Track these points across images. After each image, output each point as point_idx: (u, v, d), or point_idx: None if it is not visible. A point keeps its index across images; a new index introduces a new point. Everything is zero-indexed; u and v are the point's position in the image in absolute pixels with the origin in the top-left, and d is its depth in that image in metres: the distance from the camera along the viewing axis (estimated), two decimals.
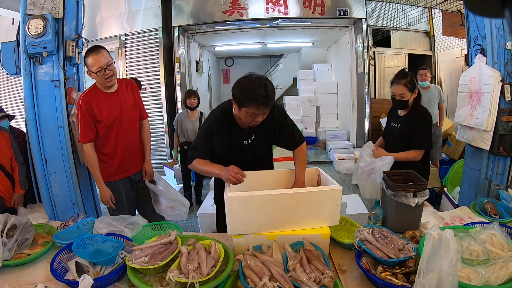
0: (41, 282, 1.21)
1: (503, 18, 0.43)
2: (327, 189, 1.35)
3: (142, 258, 1.17)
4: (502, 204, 1.68)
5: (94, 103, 1.91)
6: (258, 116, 1.46)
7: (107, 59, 1.87)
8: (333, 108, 7.20)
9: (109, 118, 1.95)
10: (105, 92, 1.97)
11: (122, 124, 2.00)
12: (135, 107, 2.09)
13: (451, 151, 4.43)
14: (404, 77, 2.00)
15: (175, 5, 4.97)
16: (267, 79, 1.45)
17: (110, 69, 1.88)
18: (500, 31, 2.06)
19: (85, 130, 1.92)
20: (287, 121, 1.67)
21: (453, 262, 0.91)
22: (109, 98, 1.97)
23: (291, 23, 5.31)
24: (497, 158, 2.16)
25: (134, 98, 2.10)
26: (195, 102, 3.58)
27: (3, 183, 2.11)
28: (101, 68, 1.86)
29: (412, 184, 1.51)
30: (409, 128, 2.00)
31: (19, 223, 1.43)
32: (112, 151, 2.01)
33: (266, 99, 1.39)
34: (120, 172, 2.05)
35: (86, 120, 1.91)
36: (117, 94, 2.01)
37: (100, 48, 1.89)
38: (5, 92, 5.68)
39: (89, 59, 1.87)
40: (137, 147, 2.12)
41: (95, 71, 1.86)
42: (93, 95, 1.94)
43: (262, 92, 1.38)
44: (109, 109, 1.95)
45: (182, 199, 2.21)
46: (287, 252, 1.20)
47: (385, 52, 5.76)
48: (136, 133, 2.12)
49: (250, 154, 1.67)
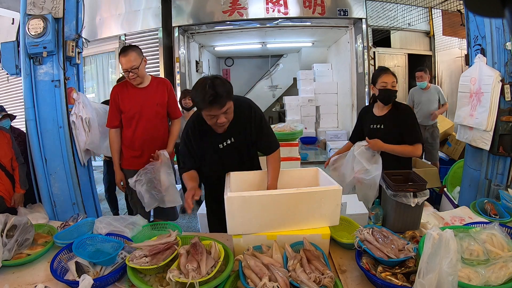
0: (41, 282, 1.21)
1: (503, 18, 0.43)
2: (327, 189, 1.34)
3: (142, 258, 1.17)
4: (502, 204, 1.68)
5: (121, 94, 2.12)
6: (218, 117, 1.41)
7: (132, 62, 2.01)
8: (333, 108, 7.20)
9: (131, 110, 2.11)
10: (134, 87, 2.12)
11: (142, 119, 2.12)
12: (162, 105, 2.17)
13: (451, 151, 4.42)
14: (388, 69, 2.01)
15: (175, 5, 4.97)
16: (218, 77, 1.39)
17: (134, 72, 2.03)
18: (500, 31, 2.06)
19: (111, 116, 2.16)
20: (263, 125, 1.62)
21: (453, 262, 0.91)
22: (136, 92, 2.12)
23: (291, 23, 5.32)
24: (497, 158, 2.16)
25: (164, 97, 2.18)
26: (191, 102, 3.49)
27: (4, 183, 2.11)
28: (126, 70, 2.03)
29: (412, 184, 1.51)
30: (396, 126, 1.94)
31: (19, 223, 1.43)
32: (131, 141, 2.16)
33: (214, 97, 1.33)
34: (139, 162, 2.13)
35: (113, 107, 2.14)
36: (145, 90, 2.14)
37: (129, 50, 2.03)
38: (5, 92, 5.69)
39: (120, 57, 2.05)
40: (156, 143, 2.17)
41: (123, 71, 2.06)
42: (123, 87, 2.14)
43: (209, 90, 1.32)
44: (131, 102, 2.11)
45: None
46: (287, 252, 1.20)
47: (385, 52, 5.76)
48: (157, 130, 2.18)
49: (229, 156, 1.63)
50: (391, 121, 1.97)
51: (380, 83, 1.96)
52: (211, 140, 1.59)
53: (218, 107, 1.37)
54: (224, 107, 1.38)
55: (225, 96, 1.36)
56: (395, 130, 1.94)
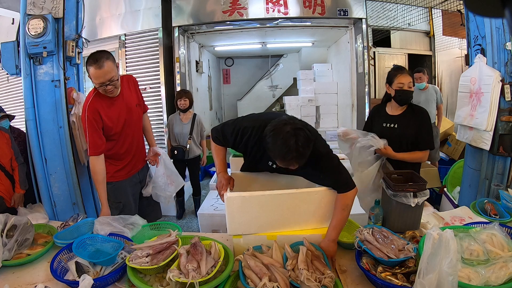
0: (41, 282, 1.21)
1: (503, 18, 0.43)
2: (327, 189, 1.34)
3: (142, 258, 1.17)
4: (502, 204, 1.68)
5: (101, 110, 1.78)
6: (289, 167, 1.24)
7: (110, 74, 1.70)
8: (333, 108, 7.20)
9: (119, 122, 1.86)
10: (110, 97, 1.84)
11: (131, 126, 1.95)
12: (140, 104, 2.06)
13: (451, 151, 4.43)
14: (404, 68, 1.95)
15: (175, 5, 4.97)
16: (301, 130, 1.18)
17: (113, 84, 1.73)
18: (500, 31, 2.06)
19: (94, 140, 1.77)
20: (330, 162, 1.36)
21: (453, 262, 0.91)
22: (115, 102, 1.86)
23: (291, 23, 5.31)
24: (497, 158, 2.16)
25: (138, 95, 2.05)
26: (186, 103, 3.39)
27: (3, 183, 2.11)
28: (102, 84, 1.71)
29: (412, 184, 1.51)
30: (411, 127, 1.89)
31: (19, 223, 1.43)
32: (122, 153, 1.96)
33: (296, 159, 1.17)
34: (126, 172, 2.02)
35: (95, 129, 1.77)
36: (122, 96, 1.89)
37: (104, 60, 1.68)
38: (5, 92, 5.68)
39: (90, 70, 1.69)
40: (142, 145, 2.14)
41: (96, 85, 1.74)
42: (98, 102, 1.79)
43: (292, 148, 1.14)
44: (117, 113, 1.85)
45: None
46: (287, 252, 1.20)
47: (385, 52, 5.77)
48: (141, 131, 2.13)
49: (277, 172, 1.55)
50: (406, 121, 1.91)
51: (397, 84, 1.89)
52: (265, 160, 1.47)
53: (296, 164, 1.21)
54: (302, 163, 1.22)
55: (306, 155, 1.19)
56: (409, 131, 1.89)
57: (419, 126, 1.88)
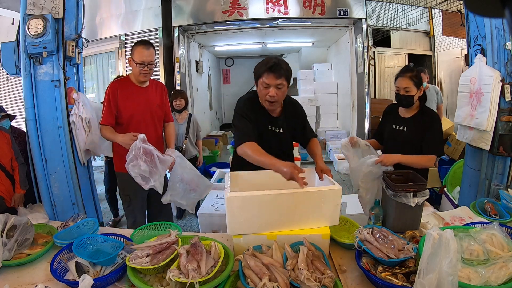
0: (41, 282, 1.21)
1: (503, 18, 0.43)
2: (327, 189, 1.34)
3: (142, 258, 1.17)
4: (502, 204, 1.68)
5: (121, 91, 2.00)
6: (270, 88, 1.51)
7: (152, 57, 1.97)
8: (333, 108, 7.20)
9: (132, 109, 2.01)
10: (136, 85, 2.05)
11: (144, 119, 2.05)
12: (160, 107, 2.14)
13: (451, 151, 4.42)
14: (410, 71, 1.88)
15: (175, 5, 4.97)
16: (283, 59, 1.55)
17: (150, 67, 1.98)
18: (500, 31, 2.06)
19: (106, 113, 1.98)
20: (306, 118, 1.86)
21: (453, 262, 0.91)
22: (138, 91, 2.05)
23: (291, 23, 5.32)
24: (497, 158, 2.16)
25: (162, 99, 2.16)
26: (182, 103, 3.36)
27: (4, 183, 2.11)
28: (143, 63, 1.94)
29: (412, 184, 1.51)
30: (420, 132, 1.83)
31: (19, 223, 1.43)
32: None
33: (274, 64, 1.48)
34: None
35: (109, 104, 1.97)
36: (146, 91, 2.08)
37: (151, 46, 1.99)
38: (5, 92, 5.68)
39: (137, 49, 1.95)
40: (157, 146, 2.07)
41: (136, 62, 1.95)
42: (124, 84, 2.03)
43: (273, 59, 1.50)
44: (134, 102, 2.02)
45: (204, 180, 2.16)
46: (287, 252, 1.20)
47: (385, 52, 5.77)
48: (156, 132, 2.14)
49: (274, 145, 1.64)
50: (415, 125, 1.87)
51: (396, 87, 1.90)
52: (263, 120, 1.66)
53: (276, 75, 1.49)
54: (280, 78, 1.50)
55: (284, 69, 1.51)
56: (417, 136, 1.84)
57: (427, 131, 1.83)
